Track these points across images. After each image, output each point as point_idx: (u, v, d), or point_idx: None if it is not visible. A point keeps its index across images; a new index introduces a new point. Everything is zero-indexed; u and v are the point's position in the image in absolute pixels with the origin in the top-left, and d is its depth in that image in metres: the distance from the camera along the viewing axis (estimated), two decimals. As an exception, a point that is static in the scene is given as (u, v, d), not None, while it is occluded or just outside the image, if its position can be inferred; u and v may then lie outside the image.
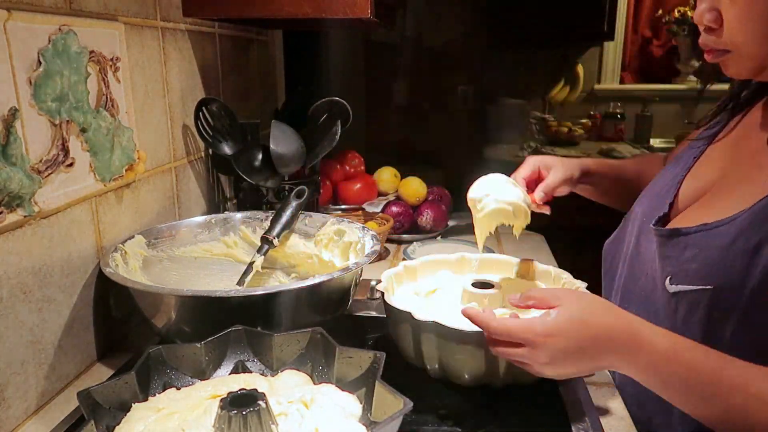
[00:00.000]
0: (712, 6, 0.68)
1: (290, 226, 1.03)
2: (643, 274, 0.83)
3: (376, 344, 0.92)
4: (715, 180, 0.80)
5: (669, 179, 0.86)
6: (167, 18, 1.08)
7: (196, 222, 1.05)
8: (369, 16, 1.07)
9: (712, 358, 0.64)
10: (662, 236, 0.77)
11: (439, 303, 0.88)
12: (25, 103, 0.71)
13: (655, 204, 0.85)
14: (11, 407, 0.72)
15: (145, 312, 0.83)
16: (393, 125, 3.10)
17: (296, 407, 0.62)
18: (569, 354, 0.64)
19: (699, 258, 0.71)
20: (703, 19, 0.69)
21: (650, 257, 0.81)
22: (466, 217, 1.57)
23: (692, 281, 0.72)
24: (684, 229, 0.74)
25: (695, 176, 0.83)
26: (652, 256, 0.81)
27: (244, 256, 1.06)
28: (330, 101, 1.17)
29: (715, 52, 0.71)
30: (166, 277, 0.97)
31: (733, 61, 0.71)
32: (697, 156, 0.85)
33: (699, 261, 0.71)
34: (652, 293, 0.80)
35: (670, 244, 0.76)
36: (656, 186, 0.89)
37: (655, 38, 3.14)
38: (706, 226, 0.72)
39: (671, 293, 0.74)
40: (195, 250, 1.03)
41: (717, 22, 0.68)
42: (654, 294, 0.79)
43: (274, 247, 1.00)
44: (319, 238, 1.05)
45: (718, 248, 0.70)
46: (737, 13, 0.66)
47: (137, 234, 0.94)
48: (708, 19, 0.68)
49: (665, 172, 0.90)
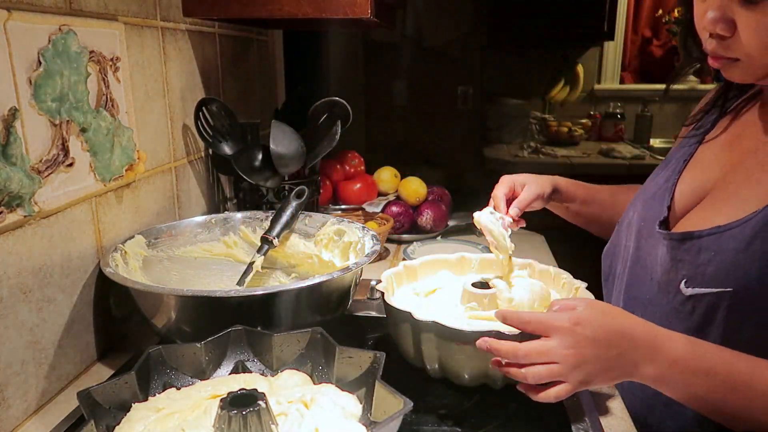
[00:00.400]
0: (725, 15, 0.67)
1: (290, 226, 1.03)
2: (647, 279, 0.83)
3: (376, 344, 0.92)
4: (714, 181, 0.79)
5: (661, 182, 0.86)
6: (167, 18, 1.08)
7: (196, 222, 1.05)
8: (369, 16, 1.07)
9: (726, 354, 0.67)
10: (674, 240, 0.77)
11: (439, 303, 0.88)
12: (25, 103, 0.71)
13: (653, 208, 0.85)
14: (11, 407, 0.72)
15: (145, 312, 0.83)
16: (393, 125, 3.11)
17: (296, 407, 0.62)
18: (598, 344, 0.65)
19: (715, 261, 0.71)
20: (716, 28, 0.67)
21: (654, 261, 0.81)
22: (466, 218, 1.58)
23: (709, 284, 0.72)
24: (696, 232, 0.74)
25: (691, 178, 0.83)
26: (656, 261, 0.81)
27: (244, 256, 1.06)
28: (330, 101, 1.17)
29: (723, 60, 0.70)
30: (166, 277, 0.97)
31: (741, 69, 0.70)
32: (687, 158, 0.85)
33: (715, 264, 0.71)
34: (659, 297, 0.80)
35: (683, 247, 0.75)
36: (649, 190, 0.89)
37: (655, 38, 3.15)
38: (719, 229, 0.72)
39: (687, 296, 0.74)
40: (195, 250, 1.03)
41: (730, 31, 0.67)
42: (661, 297, 0.79)
43: (274, 247, 1.00)
44: (319, 238, 1.05)
45: (734, 251, 0.70)
46: (754, 24, 0.65)
47: (137, 234, 0.94)
48: (721, 28, 0.67)
49: (656, 176, 0.90)
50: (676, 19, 2.93)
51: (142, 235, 0.95)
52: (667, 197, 0.83)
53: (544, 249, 1.42)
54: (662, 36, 3.11)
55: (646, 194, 0.89)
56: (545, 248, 1.43)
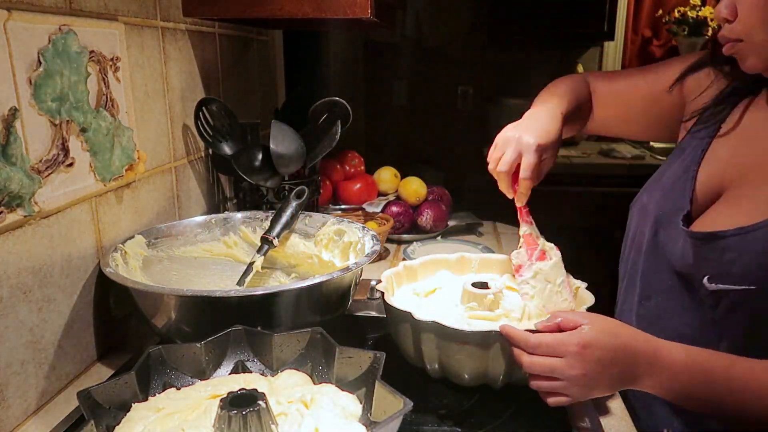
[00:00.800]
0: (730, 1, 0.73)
1: (290, 226, 1.03)
2: (665, 266, 0.84)
3: (376, 344, 0.92)
4: (731, 178, 0.80)
5: (680, 172, 0.86)
6: (167, 18, 1.08)
7: (196, 222, 1.05)
8: (369, 16, 1.07)
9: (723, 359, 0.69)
10: (697, 239, 0.78)
11: (439, 303, 0.88)
12: (25, 103, 0.71)
13: (673, 199, 0.85)
14: (11, 407, 0.72)
15: (145, 312, 0.83)
16: (393, 125, 3.10)
17: (296, 407, 0.62)
18: (604, 365, 0.66)
19: (740, 261, 0.73)
20: (721, 13, 0.73)
21: (674, 252, 0.82)
22: (466, 218, 1.58)
23: (734, 282, 0.73)
24: (720, 233, 0.75)
25: (708, 173, 0.83)
26: (676, 251, 0.81)
27: (244, 256, 1.06)
28: (330, 101, 1.17)
29: (730, 43, 0.74)
30: (166, 277, 0.97)
31: (748, 51, 0.74)
32: (704, 148, 0.85)
33: (740, 265, 0.73)
34: (679, 286, 0.82)
35: (707, 247, 0.76)
36: (666, 178, 0.88)
37: (655, 38, 3.14)
38: (743, 230, 0.73)
39: (710, 290, 0.76)
40: (195, 250, 1.03)
41: (733, 14, 0.73)
42: (681, 287, 0.81)
43: (274, 247, 1.00)
44: (319, 238, 1.05)
45: (759, 252, 0.71)
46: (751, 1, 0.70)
47: (137, 234, 0.94)
48: (725, 13, 0.73)
49: (670, 166, 0.89)
50: (676, 19, 2.93)
51: (143, 235, 0.95)
52: (687, 189, 0.84)
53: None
54: (662, 36, 3.11)
55: (662, 182, 0.89)
56: (545, 248, 1.43)
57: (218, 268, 1.04)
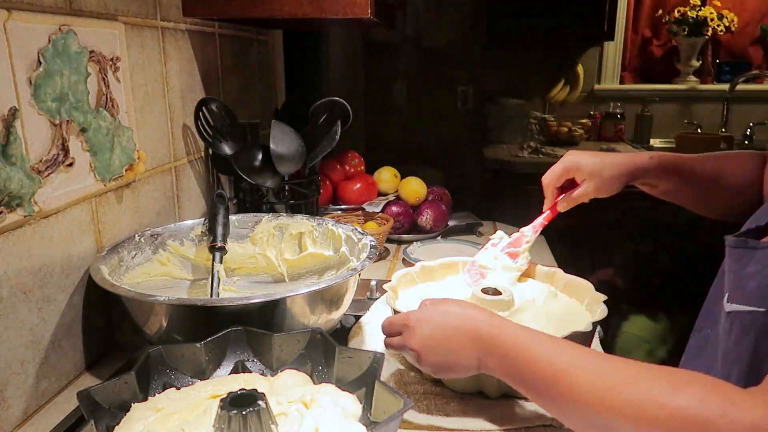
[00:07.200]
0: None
1: (228, 228, 1.00)
2: (719, 292, 0.72)
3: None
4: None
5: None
6: (167, 18, 1.08)
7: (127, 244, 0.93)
8: (369, 16, 1.07)
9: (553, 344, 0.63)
10: (730, 246, 0.68)
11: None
12: (25, 103, 0.71)
13: (759, 216, 0.71)
14: (11, 407, 0.72)
15: (136, 320, 0.81)
16: (393, 125, 3.10)
17: (296, 407, 0.62)
18: (437, 339, 0.69)
19: (759, 276, 0.62)
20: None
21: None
22: (466, 218, 1.58)
23: (748, 301, 0.63)
24: (752, 242, 0.65)
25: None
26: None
27: (180, 271, 1.00)
28: (330, 101, 1.17)
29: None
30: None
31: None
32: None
33: (758, 279, 0.62)
34: (718, 311, 0.71)
35: (734, 255, 0.67)
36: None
37: (655, 38, 3.14)
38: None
39: (727, 312, 0.66)
40: (137, 275, 0.94)
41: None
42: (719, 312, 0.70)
43: (226, 252, 0.97)
44: (258, 237, 1.05)
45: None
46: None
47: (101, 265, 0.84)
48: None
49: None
50: (676, 19, 2.93)
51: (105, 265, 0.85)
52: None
53: (545, 249, 1.42)
54: (662, 36, 3.11)
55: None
56: (545, 248, 1.43)
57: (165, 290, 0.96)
